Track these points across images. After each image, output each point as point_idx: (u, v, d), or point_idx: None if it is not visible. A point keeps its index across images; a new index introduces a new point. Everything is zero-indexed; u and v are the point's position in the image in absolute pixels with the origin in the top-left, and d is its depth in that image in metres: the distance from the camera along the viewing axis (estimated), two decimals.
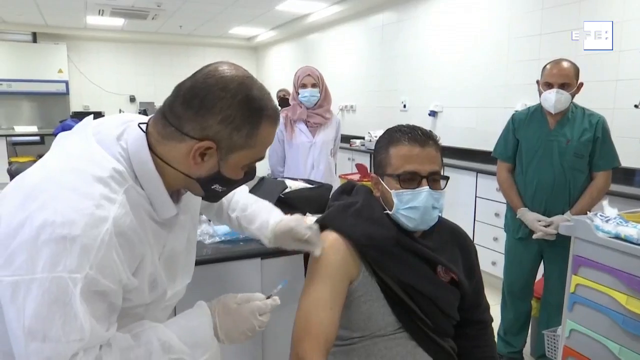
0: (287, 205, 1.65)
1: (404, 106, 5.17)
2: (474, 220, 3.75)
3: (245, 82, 0.87)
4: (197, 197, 1.02)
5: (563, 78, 2.25)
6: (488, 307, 1.39)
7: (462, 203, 3.78)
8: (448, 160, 3.85)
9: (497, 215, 3.45)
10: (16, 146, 7.11)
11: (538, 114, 2.40)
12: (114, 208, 0.80)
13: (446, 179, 1.24)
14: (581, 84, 2.30)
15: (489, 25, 4.07)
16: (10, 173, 3.54)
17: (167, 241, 0.96)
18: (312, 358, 1.05)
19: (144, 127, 0.89)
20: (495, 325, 1.49)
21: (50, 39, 7.85)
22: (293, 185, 2.02)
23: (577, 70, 2.30)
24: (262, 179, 2.02)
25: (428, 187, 1.19)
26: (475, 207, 3.73)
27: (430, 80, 4.80)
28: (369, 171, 3.96)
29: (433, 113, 4.72)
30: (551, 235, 2.28)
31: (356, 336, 1.20)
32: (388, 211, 1.23)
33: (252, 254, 1.58)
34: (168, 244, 0.96)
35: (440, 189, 1.22)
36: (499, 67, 3.99)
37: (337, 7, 5.87)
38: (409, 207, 1.19)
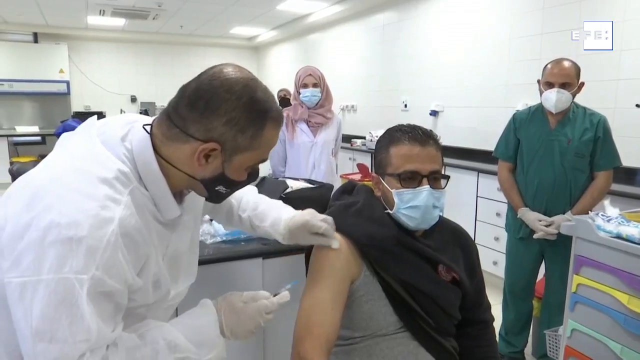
0: (288, 205, 1.65)
1: (405, 106, 5.17)
2: (475, 219, 3.74)
3: (249, 85, 0.87)
4: (200, 198, 1.02)
5: (564, 78, 2.25)
6: (489, 307, 1.39)
7: (464, 203, 3.78)
8: (449, 160, 3.85)
9: (498, 215, 3.44)
10: (17, 146, 7.14)
11: (539, 114, 2.40)
12: (119, 209, 0.80)
13: (447, 178, 1.24)
14: (582, 84, 2.29)
15: (490, 24, 4.07)
16: (11, 173, 3.55)
17: (171, 241, 0.96)
18: (314, 358, 1.05)
19: (149, 128, 0.89)
20: (496, 325, 1.49)
21: (51, 39, 7.87)
22: (294, 185, 2.01)
23: (578, 69, 2.29)
24: (264, 179, 2.02)
25: (429, 186, 1.19)
26: (476, 207, 3.73)
27: (431, 80, 4.80)
28: (370, 171, 3.96)
29: (434, 113, 4.72)
30: (552, 235, 2.27)
31: (358, 336, 1.20)
32: (389, 210, 1.23)
33: (254, 254, 1.58)
34: (171, 245, 0.97)
35: (441, 188, 1.22)
36: (500, 67, 3.99)
37: (338, 7, 5.87)
38: (410, 207, 1.19)
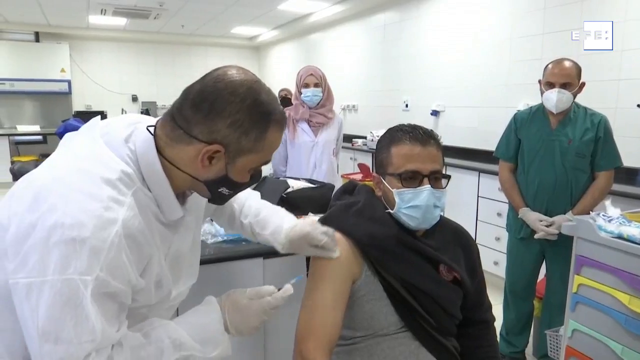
0: (289, 205, 1.65)
1: (406, 106, 5.17)
2: (476, 219, 3.74)
3: (253, 87, 0.88)
4: (202, 198, 1.02)
5: (565, 78, 2.25)
6: (490, 307, 1.38)
7: (465, 203, 3.78)
8: (450, 160, 3.85)
9: (499, 215, 3.44)
10: (19, 145, 7.13)
11: (540, 114, 2.40)
12: (123, 210, 0.81)
13: (448, 178, 1.24)
14: (583, 84, 2.29)
15: (491, 25, 4.07)
16: (13, 172, 3.56)
17: (173, 242, 0.97)
18: (316, 358, 1.05)
19: (152, 130, 0.90)
20: (497, 325, 1.49)
21: (52, 39, 7.87)
22: (295, 185, 2.02)
23: (579, 69, 2.29)
24: (265, 179, 2.03)
25: (429, 186, 1.19)
26: (477, 207, 3.73)
27: (432, 80, 4.80)
28: (371, 171, 3.96)
29: (435, 113, 4.72)
30: (553, 235, 2.27)
31: (359, 336, 1.20)
32: (390, 210, 1.23)
33: (255, 254, 1.58)
34: (174, 245, 0.97)
35: (441, 188, 1.22)
36: (501, 67, 3.99)
37: (339, 7, 5.87)
38: (411, 206, 1.19)
